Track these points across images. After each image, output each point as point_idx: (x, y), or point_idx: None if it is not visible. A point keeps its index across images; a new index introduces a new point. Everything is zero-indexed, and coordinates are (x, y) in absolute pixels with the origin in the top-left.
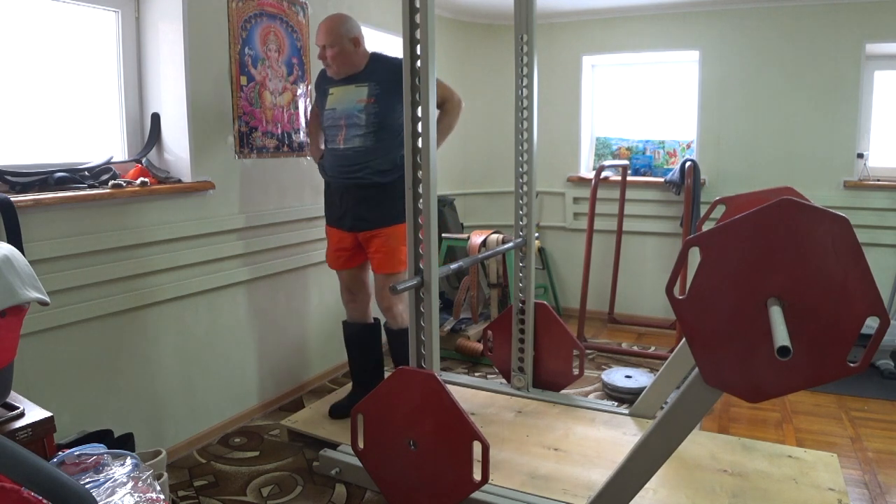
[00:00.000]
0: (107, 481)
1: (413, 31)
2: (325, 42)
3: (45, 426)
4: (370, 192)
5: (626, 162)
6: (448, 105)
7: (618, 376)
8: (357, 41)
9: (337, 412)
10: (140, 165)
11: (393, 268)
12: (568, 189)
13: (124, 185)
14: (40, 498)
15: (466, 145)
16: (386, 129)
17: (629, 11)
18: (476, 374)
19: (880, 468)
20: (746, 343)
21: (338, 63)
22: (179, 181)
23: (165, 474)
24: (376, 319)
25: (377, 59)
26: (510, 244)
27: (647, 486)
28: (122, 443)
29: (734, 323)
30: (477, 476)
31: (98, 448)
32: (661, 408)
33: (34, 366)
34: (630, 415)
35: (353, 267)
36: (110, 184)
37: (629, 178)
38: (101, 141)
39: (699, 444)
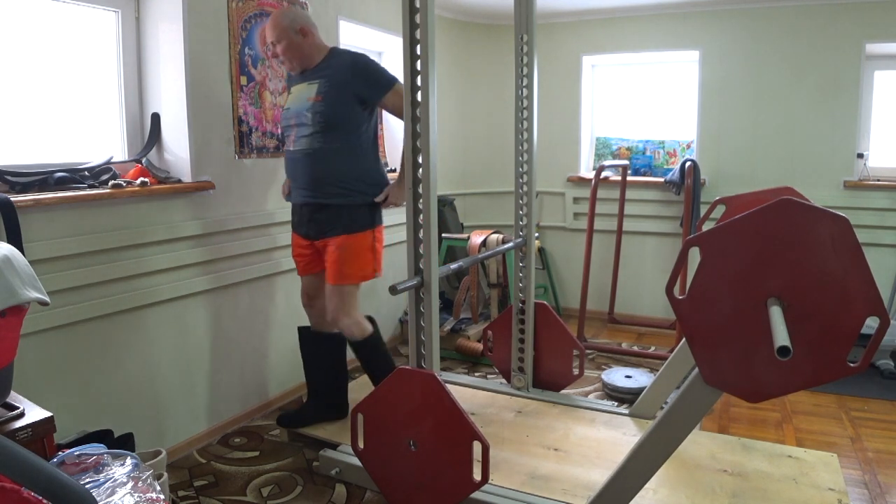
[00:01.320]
0: (107, 481)
1: (413, 31)
2: (271, 38)
3: (45, 426)
4: (322, 213)
5: (626, 162)
6: None
7: (618, 376)
8: (304, 31)
9: (286, 421)
10: (140, 165)
11: (339, 279)
12: (568, 189)
13: (124, 185)
14: (40, 498)
15: (466, 145)
16: (333, 130)
17: (629, 11)
18: (476, 374)
19: (880, 468)
20: (746, 343)
21: (289, 57)
22: (179, 181)
23: (165, 474)
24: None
25: (334, 53)
26: (510, 244)
27: (647, 486)
28: (122, 443)
29: (734, 323)
30: (477, 476)
31: (98, 448)
32: (661, 408)
33: (34, 366)
34: (630, 415)
35: (312, 273)
36: (110, 184)
37: (629, 178)
38: (101, 141)
39: (699, 444)
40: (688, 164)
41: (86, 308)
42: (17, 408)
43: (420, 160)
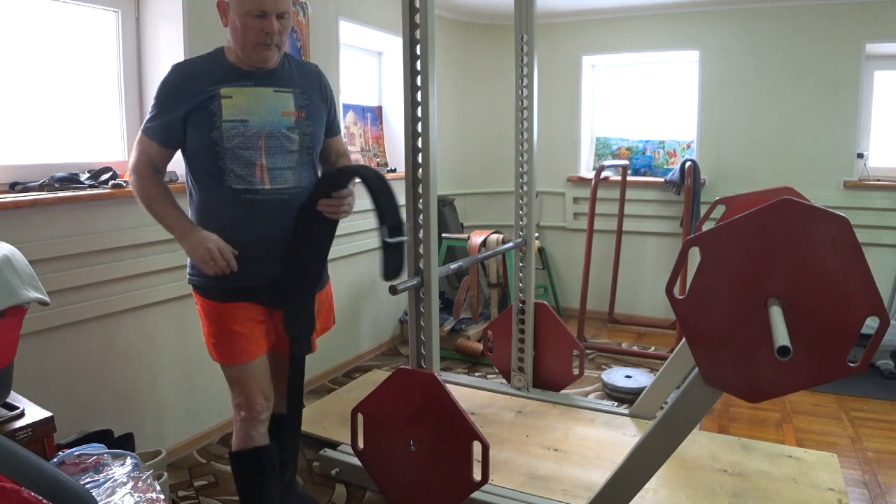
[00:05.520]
0: (107, 481)
1: (413, 31)
2: (280, 8)
3: (45, 426)
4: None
5: (626, 162)
6: None
7: (618, 376)
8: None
9: None
10: None
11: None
12: (568, 189)
13: (124, 185)
14: (40, 498)
15: (466, 145)
16: (316, 161)
17: (629, 11)
18: (476, 374)
19: (880, 468)
20: (746, 343)
21: (280, 43)
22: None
23: (165, 474)
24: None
25: (290, 58)
26: (510, 244)
27: (647, 486)
28: (122, 443)
29: (734, 323)
30: (477, 476)
31: (98, 448)
32: (661, 408)
33: (34, 366)
34: (630, 415)
35: (269, 351)
36: (110, 184)
37: (629, 178)
38: (101, 141)
39: (699, 444)
40: (688, 164)
41: (85, 308)
42: (17, 408)
43: (420, 160)
